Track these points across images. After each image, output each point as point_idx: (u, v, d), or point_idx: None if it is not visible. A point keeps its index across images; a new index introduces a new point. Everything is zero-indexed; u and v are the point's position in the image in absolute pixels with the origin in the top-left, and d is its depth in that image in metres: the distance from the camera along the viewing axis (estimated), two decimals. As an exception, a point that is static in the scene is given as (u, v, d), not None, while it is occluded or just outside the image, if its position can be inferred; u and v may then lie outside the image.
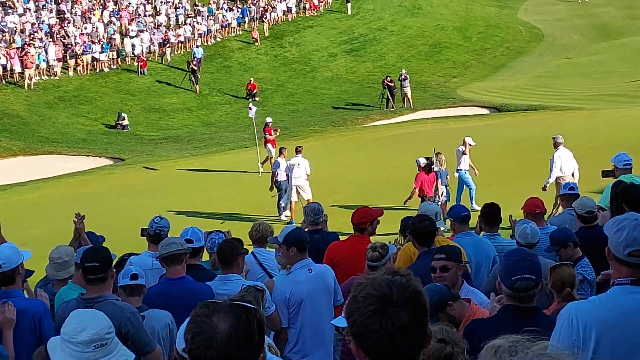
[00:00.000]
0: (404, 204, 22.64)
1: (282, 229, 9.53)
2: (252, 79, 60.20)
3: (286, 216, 26.15)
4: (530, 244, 8.94)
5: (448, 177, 24.42)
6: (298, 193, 25.86)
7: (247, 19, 72.10)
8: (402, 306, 3.24)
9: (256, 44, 68.96)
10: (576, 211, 10.75)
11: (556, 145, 22.38)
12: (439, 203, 22.51)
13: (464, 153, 25.13)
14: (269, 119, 35.91)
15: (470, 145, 25.29)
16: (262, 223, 11.83)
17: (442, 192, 23.57)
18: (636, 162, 14.14)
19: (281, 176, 26.66)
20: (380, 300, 3.25)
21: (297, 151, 26.37)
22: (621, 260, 5.08)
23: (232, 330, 3.39)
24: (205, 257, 10.89)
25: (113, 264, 8.19)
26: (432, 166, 23.16)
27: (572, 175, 21.94)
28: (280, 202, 26.73)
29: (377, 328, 3.22)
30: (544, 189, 21.85)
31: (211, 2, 72.16)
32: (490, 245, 10.73)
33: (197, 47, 62.43)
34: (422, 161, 23.25)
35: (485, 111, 51.58)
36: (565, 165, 22.04)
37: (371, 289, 3.30)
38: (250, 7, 72.73)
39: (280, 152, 27.78)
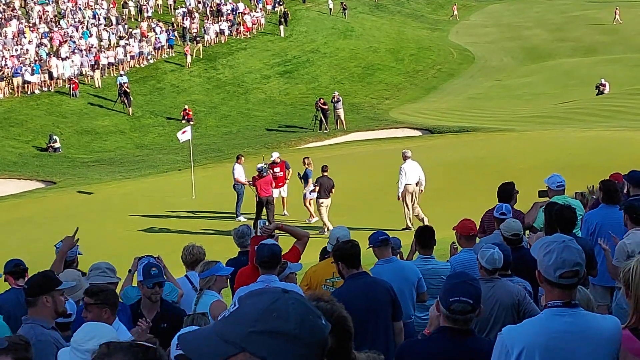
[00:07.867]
0: None
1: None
2: (186, 106, 59.71)
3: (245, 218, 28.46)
4: (496, 269, 8.85)
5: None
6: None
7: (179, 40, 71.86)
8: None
9: (188, 66, 68.68)
10: (502, 233, 10.83)
11: (405, 158, 25.43)
12: (310, 198, 27.30)
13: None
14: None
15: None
16: (194, 246, 11.70)
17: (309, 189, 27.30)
18: (567, 182, 14.37)
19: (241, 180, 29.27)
20: None
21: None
22: (552, 283, 5.20)
23: None
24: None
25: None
26: (263, 172, 27.06)
27: (417, 184, 25.11)
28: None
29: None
30: (398, 198, 24.97)
31: (143, 24, 71.77)
32: (413, 269, 10.66)
33: (121, 75, 61.64)
34: (258, 167, 27.40)
35: (418, 133, 51.83)
36: (410, 175, 24.96)
37: None
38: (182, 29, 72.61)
39: (238, 158, 30.12)
